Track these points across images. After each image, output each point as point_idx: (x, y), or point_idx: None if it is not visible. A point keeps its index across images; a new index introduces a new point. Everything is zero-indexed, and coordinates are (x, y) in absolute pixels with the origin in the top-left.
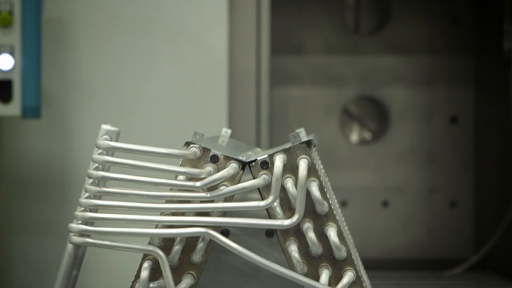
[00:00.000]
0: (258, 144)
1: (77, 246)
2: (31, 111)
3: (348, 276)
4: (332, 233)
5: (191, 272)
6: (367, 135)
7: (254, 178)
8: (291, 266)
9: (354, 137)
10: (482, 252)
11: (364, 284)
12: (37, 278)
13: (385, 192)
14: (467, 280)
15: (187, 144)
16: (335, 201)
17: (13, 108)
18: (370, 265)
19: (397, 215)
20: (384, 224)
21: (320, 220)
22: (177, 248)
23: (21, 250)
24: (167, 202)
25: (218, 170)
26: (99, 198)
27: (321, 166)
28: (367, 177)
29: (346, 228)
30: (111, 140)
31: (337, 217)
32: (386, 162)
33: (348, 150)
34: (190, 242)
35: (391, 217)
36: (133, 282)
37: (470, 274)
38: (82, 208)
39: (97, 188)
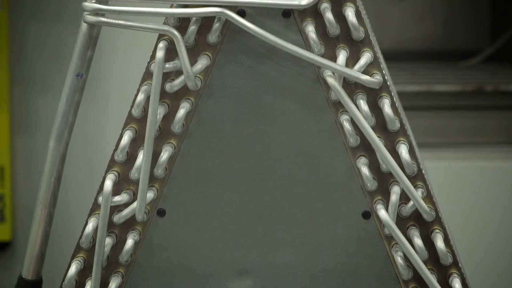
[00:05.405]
0: None
1: (91, 25)
2: None
3: (365, 57)
4: (350, 14)
5: (207, 53)
6: None
7: None
8: (308, 47)
9: None
10: (499, 43)
11: (381, 66)
12: (53, 65)
13: None
14: (483, 70)
15: None
16: None
17: None
18: (386, 56)
19: (413, 6)
20: (401, 15)
21: None
22: (192, 28)
23: (37, 39)
24: None
25: None
26: None
27: None
28: None
29: (364, 12)
30: None
31: None
32: None
33: None
34: (206, 22)
35: (407, 8)
36: (149, 63)
37: (486, 65)
38: None
39: None
